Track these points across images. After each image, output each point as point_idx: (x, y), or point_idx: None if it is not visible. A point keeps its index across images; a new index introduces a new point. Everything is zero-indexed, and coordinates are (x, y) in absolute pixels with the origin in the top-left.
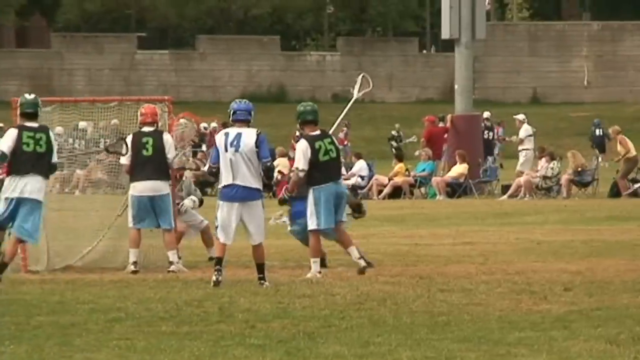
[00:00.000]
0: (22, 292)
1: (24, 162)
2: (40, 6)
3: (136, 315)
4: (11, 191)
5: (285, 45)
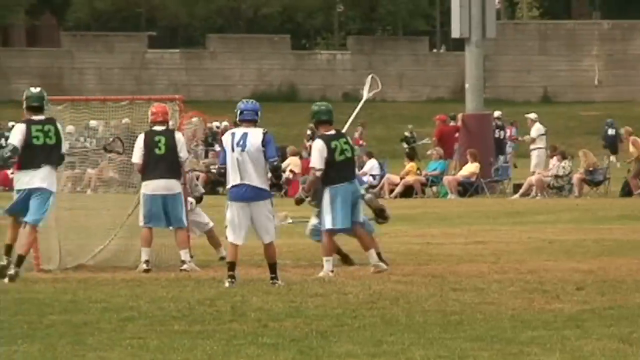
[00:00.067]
0: (34, 290)
1: (35, 156)
2: (50, 5)
3: (149, 314)
4: (23, 183)
5: (296, 44)
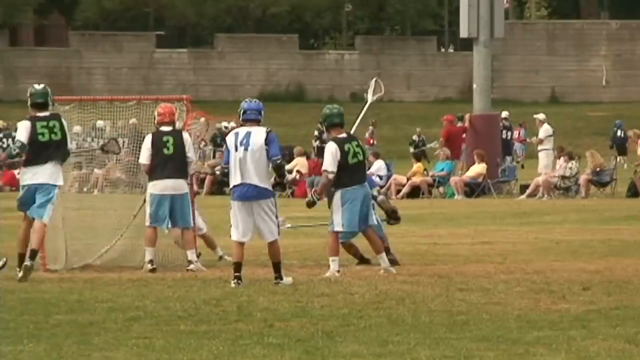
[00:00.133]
0: (40, 290)
1: (41, 153)
2: (58, 4)
3: (155, 314)
4: (28, 179)
5: (304, 44)
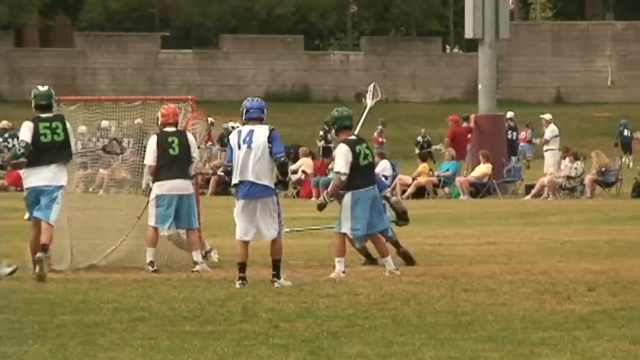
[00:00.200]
0: (45, 291)
1: (43, 154)
2: (64, 5)
3: (160, 314)
4: (32, 182)
5: (309, 45)
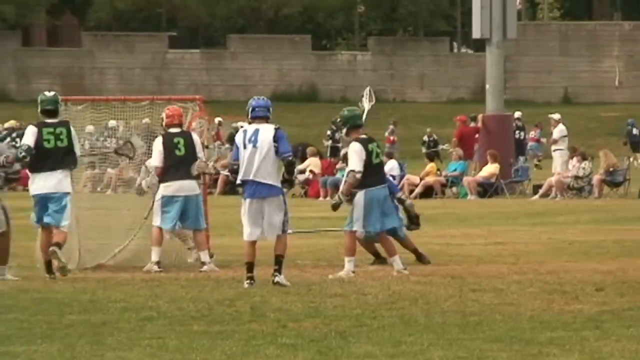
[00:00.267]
0: (53, 290)
1: (46, 159)
2: (71, 5)
3: (168, 314)
4: (38, 189)
5: (316, 45)
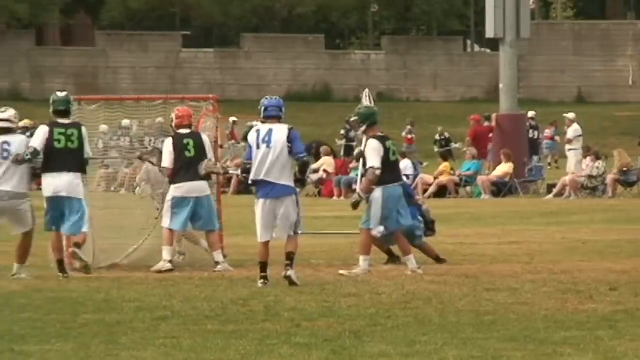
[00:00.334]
0: (68, 290)
1: (56, 159)
2: (85, 4)
3: (182, 313)
4: (49, 190)
5: (330, 44)
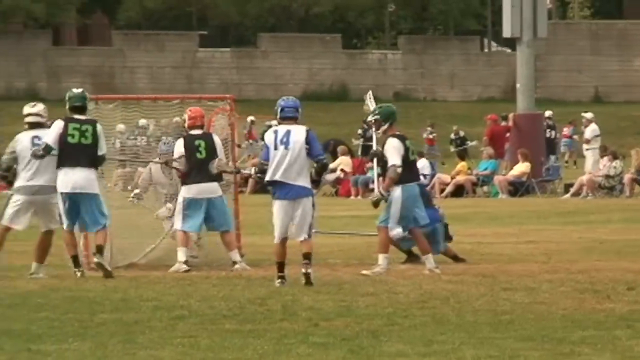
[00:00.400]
0: (85, 289)
1: (69, 154)
2: (101, 4)
3: (200, 312)
4: (64, 186)
5: (347, 44)
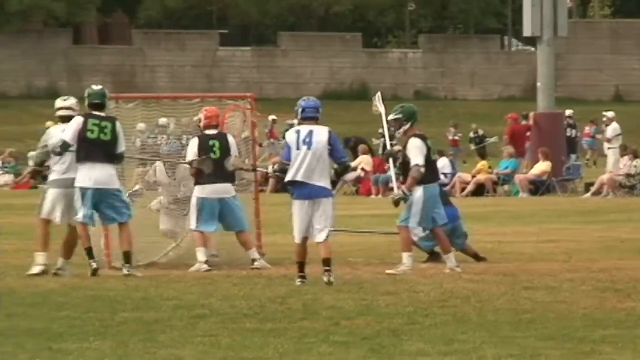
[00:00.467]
0: (106, 288)
1: (88, 149)
2: (122, 3)
3: (220, 311)
4: (85, 180)
5: (367, 43)
